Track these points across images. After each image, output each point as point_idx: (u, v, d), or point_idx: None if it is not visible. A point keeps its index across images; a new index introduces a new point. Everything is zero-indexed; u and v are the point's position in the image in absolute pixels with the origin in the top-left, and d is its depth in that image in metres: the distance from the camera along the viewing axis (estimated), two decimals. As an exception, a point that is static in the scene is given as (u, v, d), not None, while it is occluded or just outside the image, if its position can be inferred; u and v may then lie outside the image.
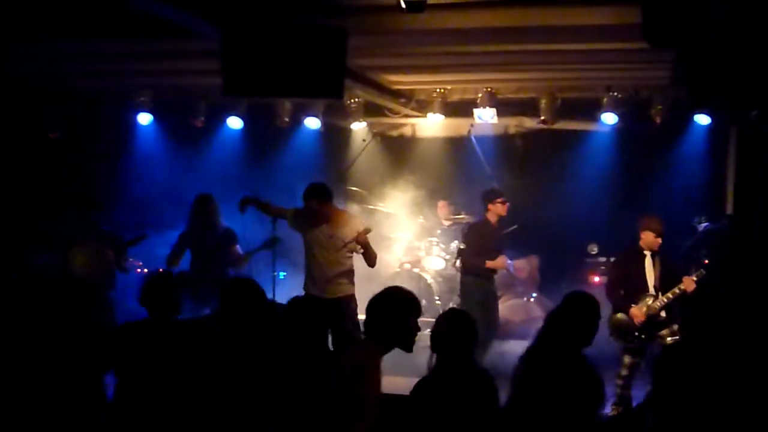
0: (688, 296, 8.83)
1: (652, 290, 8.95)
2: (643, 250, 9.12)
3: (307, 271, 8.95)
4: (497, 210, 10.04)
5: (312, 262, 8.87)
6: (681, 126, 11.84)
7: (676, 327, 8.85)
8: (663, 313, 8.86)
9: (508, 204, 10.04)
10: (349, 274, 8.94)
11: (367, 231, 8.82)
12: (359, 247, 8.76)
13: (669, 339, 8.79)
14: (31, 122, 12.33)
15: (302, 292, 8.80)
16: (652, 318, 8.80)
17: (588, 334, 5.73)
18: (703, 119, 11.39)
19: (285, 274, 11.13)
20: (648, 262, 9.08)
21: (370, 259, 8.91)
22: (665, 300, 8.84)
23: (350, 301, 8.87)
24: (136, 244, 9.76)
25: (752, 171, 11.09)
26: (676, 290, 8.79)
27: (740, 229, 11.07)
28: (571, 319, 5.72)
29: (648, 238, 9.06)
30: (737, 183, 11.94)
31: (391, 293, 5.20)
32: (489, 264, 9.90)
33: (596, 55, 9.25)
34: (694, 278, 8.83)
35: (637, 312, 8.81)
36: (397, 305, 5.08)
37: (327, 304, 8.47)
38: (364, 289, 11.44)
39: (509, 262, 10.25)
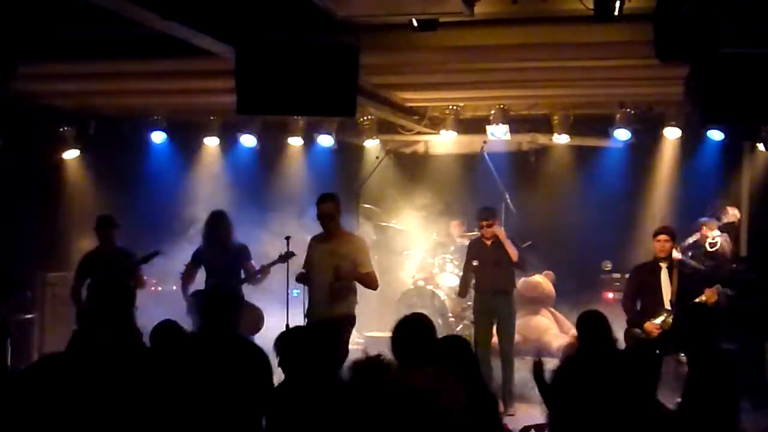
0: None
1: (668, 305, 8.92)
2: (659, 262, 9.10)
3: (309, 294, 8.67)
4: (483, 232, 10.05)
5: (312, 283, 8.57)
6: (694, 142, 11.81)
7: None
8: None
9: (493, 228, 9.88)
10: (349, 296, 8.52)
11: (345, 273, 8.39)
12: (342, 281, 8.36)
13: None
14: (45, 141, 12.39)
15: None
16: (667, 333, 8.75)
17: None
18: (716, 135, 11.37)
19: (298, 291, 11.14)
20: (664, 275, 9.06)
21: (366, 284, 8.61)
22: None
23: (348, 321, 8.46)
24: (149, 261, 9.78)
25: (766, 185, 11.07)
26: (696, 302, 8.73)
27: (756, 250, 11.07)
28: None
29: (659, 244, 9.06)
30: (751, 198, 11.91)
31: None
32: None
33: (609, 71, 9.27)
34: (719, 288, 8.79)
35: (652, 327, 8.78)
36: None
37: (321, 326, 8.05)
38: (377, 307, 11.56)
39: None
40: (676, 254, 9.28)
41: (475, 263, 9.84)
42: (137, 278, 9.72)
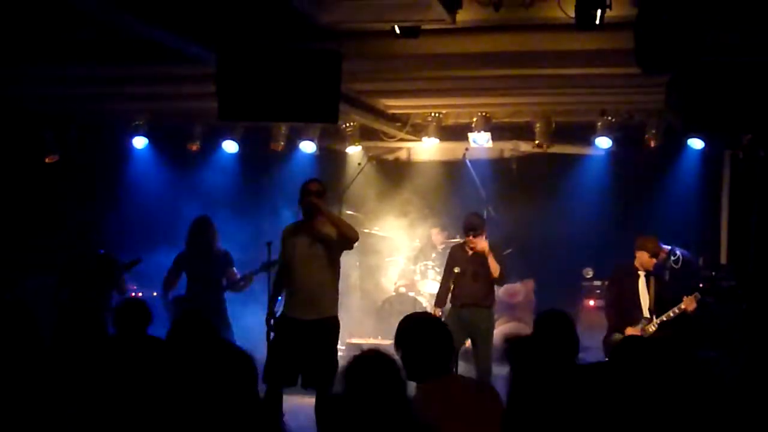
0: (688, 316, 8.83)
1: (646, 313, 8.95)
2: (637, 270, 9.15)
3: (286, 291, 8.28)
4: (468, 241, 9.43)
5: (292, 279, 8.18)
6: (675, 150, 11.88)
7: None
8: None
9: (479, 241, 9.30)
10: (333, 292, 8.21)
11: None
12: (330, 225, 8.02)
13: None
14: (27, 145, 12.34)
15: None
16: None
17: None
18: (696, 143, 11.44)
19: (281, 298, 11.13)
20: (642, 282, 9.09)
21: (341, 230, 8.02)
22: (659, 323, 8.84)
23: (331, 323, 8.13)
24: (130, 267, 9.75)
25: (746, 194, 11.12)
26: (675, 311, 8.78)
27: (736, 257, 11.12)
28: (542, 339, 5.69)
29: (642, 258, 9.10)
30: (731, 206, 11.98)
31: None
32: None
33: (590, 79, 9.30)
34: (696, 296, 8.83)
35: (633, 332, 8.77)
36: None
37: (305, 326, 7.93)
38: (358, 314, 11.56)
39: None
40: None
41: (456, 270, 9.38)
42: (119, 284, 9.71)
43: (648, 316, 8.93)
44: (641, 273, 9.12)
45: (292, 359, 7.88)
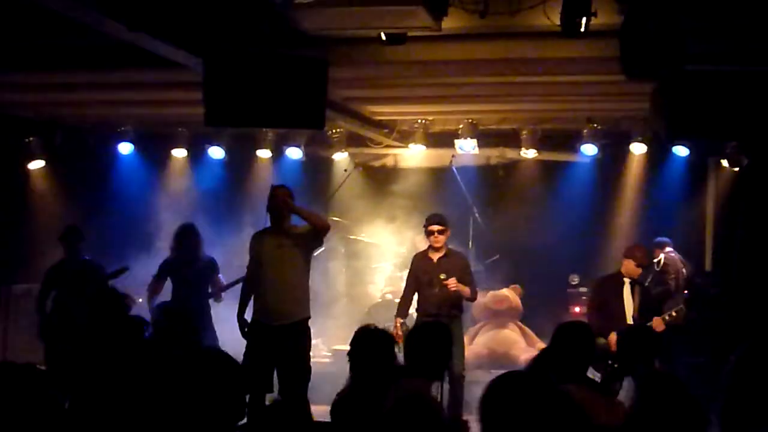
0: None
1: (630, 320, 8.97)
2: (623, 277, 9.17)
3: (255, 296, 8.21)
4: (432, 240, 9.13)
5: (261, 282, 8.14)
6: (660, 157, 11.93)
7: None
8: None
9: (435, 236, 9.03)
10: (303, 294, 8.16)
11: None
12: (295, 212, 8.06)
13: None
14: (12, 151, 12.30)
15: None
16: None
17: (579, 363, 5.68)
18: (682, 151, 11.49)
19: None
20: (627, 290, 9.11)
21: (311, 220, 8.07)
22: None
23: (302, 327, 8.07)
24: (117, 276, 9.72)
25: (731, 202, 11.18)
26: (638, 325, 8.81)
27: (721, 264, 11.17)
28: (562, 349, 5.68)
29: (629, 266, 9.13)
30: (716, 214, 12.04)
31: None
32: None
33: (576, 87, 9.34)
34: (665, 318, 8.89)
35: (614, 339, 8.76)
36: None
37: (276, 331, 7.91)
38: (344, 320, 11.54)
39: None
40: None
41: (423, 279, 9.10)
42: None
43: (632, 323, 8.94)
44: (626, 280, 9.14)
45: (266, 366, 7.87)
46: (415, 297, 9.33)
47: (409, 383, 5.19)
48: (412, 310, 9.52)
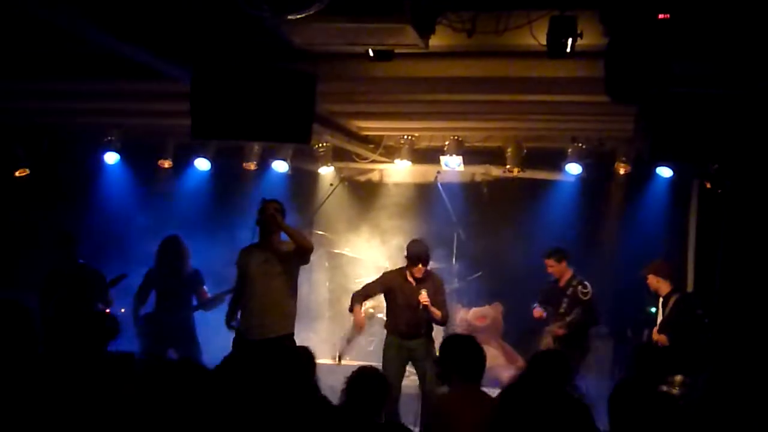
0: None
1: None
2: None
3: (241, 310, 8.35)
4: (413, 271, 9.29)
5: (247, 295, 8.25)
6: (644, 178, 11.99)
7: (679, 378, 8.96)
8: None
9: (419, 267, 9.17)
10: (288, 310, 8.26)
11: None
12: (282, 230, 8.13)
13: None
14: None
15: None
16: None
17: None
18: (665, 172, 11.56)
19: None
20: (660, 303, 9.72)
21: (296, 239, 8.15)
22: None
23: (287, 342, 8.12)
24: (116, 283, 9.73)
25: (713, 224, 11.24)
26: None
27: (703, 285, 11.23)
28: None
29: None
30: (699, 234, 12.10)
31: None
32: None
33: (562, 106, 9.40)
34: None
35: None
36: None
37: (261, 346, 7.94)
38: (327, 335, 11.56)
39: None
40: None
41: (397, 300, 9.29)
42: (106, 297, 9.72)
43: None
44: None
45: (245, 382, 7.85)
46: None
47: None
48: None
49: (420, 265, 9.17)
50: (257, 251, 8.24)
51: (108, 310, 10.96)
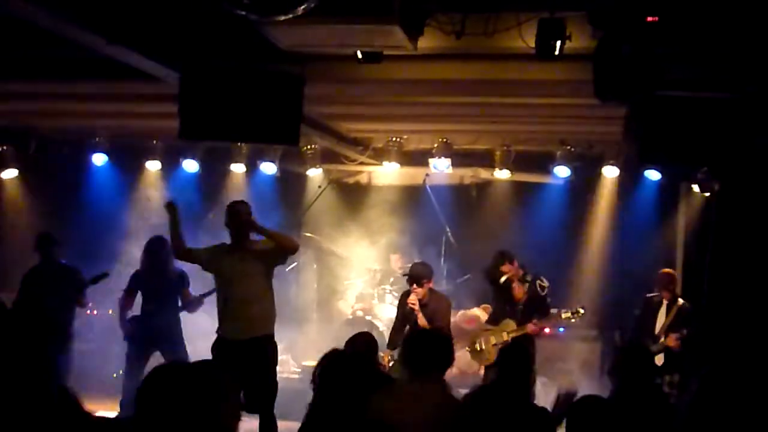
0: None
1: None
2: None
3: (219, 312, 8.14)
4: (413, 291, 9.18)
5: (224, 297, 8.06)
6: (632, 181, 12.01)
7: (677, 378, 9.38)
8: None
9: (414, 288, 9.06)
10: (267, 309, 8.08)
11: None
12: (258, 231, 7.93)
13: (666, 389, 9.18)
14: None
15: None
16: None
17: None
18: (653, 175, 11.59)
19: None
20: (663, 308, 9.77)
21: (279, 241, 8.00)
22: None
23: (267, 342, 8.04)
24: (98, 281, 9.68)
25: (701, 226, 11.27)
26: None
27: (691, 289, 11.23)
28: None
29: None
30: (687, 238, 12.12)
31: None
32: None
33: (550, 108, 9.41)
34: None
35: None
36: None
37: (239, 346, 7.81)
38: (315, 337, 11.53)
39: None
40: None
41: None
42: (81, 297, 9.66)
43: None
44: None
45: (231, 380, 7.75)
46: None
47: None
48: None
49: (414, 285, 9.08)
50: (231, 253, 8.07)
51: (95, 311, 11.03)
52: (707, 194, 11.35)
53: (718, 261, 10.23)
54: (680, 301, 9.97)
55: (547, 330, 11.60)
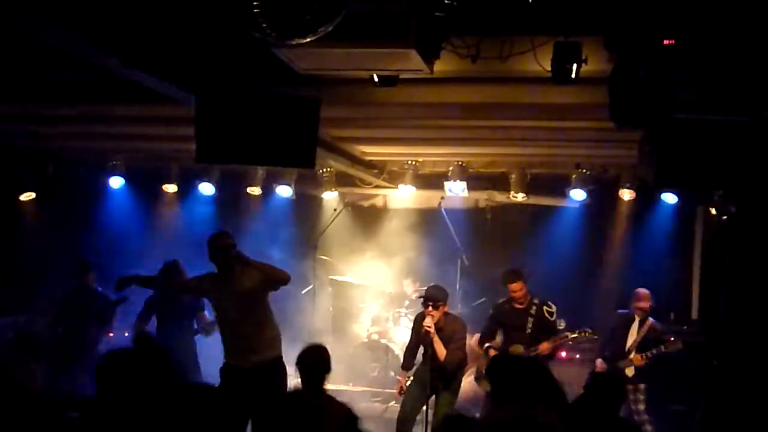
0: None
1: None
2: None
3: (223, 340, 8.10)
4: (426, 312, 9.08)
5: (225, 328, 8.03)
6: (649, 204, 11.98)
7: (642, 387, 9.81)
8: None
9: (429, 309, 8.90)
10: (270, 333, 8.00)
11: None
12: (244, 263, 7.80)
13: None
14: (2, 182, 12.29)
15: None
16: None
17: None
18: (670, 198, 11.55)
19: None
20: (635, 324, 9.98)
21: (269, 275, 7.84)
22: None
23: (275, 366, 7.95)
24: (117, 305, 9.86)
25: (718, 250, 11.20)
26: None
27: (707, 313, 11.19)
28: None
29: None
30: (703, 261, 12.07)
31: None
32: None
33: (565, 132, 9.40)
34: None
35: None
36: None
37: (249, 373, 7.78)
38: (332, 360, 11.47)
39: None
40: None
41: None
42: (111, 322, 9.95)
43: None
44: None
45: (238, 407, 7.74)
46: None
47: None
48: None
49: (429, 308, 8.93)
50: (225, 285, 7.90)
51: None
52: (724, 217, 11.31)
53: (734, 284, 10.19)
54: (650, 320, 10.10)
55: (563, 354, 11.61)
